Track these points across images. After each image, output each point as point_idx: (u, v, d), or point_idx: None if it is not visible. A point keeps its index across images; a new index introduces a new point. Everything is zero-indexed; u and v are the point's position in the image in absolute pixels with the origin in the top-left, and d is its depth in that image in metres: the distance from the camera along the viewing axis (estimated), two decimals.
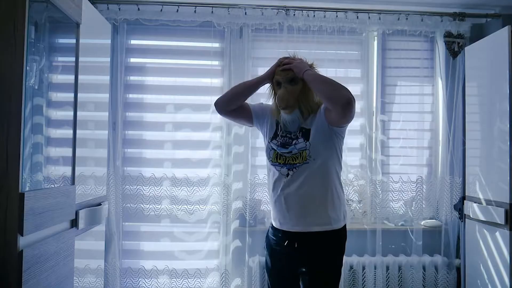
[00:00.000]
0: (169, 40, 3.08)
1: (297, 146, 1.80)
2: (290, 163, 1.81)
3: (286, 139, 1.84)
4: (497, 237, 2.46)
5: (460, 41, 3.05)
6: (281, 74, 1.83)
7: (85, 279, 2.15)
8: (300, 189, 1.79)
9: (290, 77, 1.81)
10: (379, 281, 2.90)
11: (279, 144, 1.85)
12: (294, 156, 1.80)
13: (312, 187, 1.79)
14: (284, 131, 1.86)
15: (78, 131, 2.00)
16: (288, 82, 1.81)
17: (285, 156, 1.83)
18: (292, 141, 1.82)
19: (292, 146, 1.81)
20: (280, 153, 1.84)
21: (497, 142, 2.48)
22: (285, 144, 1.84)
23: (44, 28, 1.82)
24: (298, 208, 1.80)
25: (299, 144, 1.80)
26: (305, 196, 1.79)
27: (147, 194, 2.92)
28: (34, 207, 1.54)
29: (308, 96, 1.83)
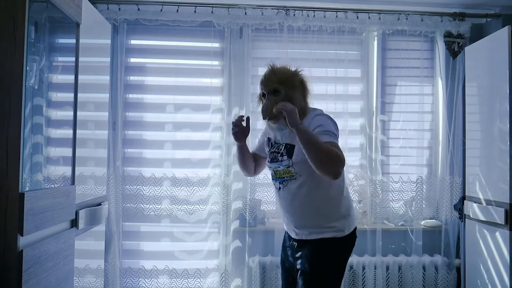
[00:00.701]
0: (169, 40, 3.09)
1: (282, 163, 1.84)
2: (281, 176, 1.86)
3: (274, 155, 1.89)
4: (497, 237, 2.46)
5: (460, 41, 3.05)
6: (264, 85, 1.83)
7: (85, 279, 2.15)
8: (293, 203, 1.84)
9: (273, 88, 1.81)
10: (379, 281, 2.90)
11: (269, 160, 1.91)
12: (283, 171, 1.85)
13: (302, 201, 1.81)
14: (273, 146, 1.90)
15: (78, 131, 2.00)
16: (272, 93, 1.81)
17: (278, 170, 1.87)
18: (278, 156, 1.86)
19: (279, 162, 1.85)
20: (271, 167, 1.91)
21: (497, 142, 2.48)
22: (273, 159, 1.88)
23: (44, 28, 1.82)
24: (295, 220, 1.86)
25: (284, 161, 1.83)
26: (298, 209, 1.84)
27: (147, 194, 2.92)
28: (34, 207, 1.54)
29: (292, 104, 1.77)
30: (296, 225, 1.87)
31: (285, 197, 1.86)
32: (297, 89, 1.83)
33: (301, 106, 1.82)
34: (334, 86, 3.03)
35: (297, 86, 1.84)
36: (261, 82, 1.87)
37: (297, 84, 1.84)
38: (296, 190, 1.82)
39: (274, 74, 1.84)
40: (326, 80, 3.03)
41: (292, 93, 1.80)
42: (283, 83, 1.81)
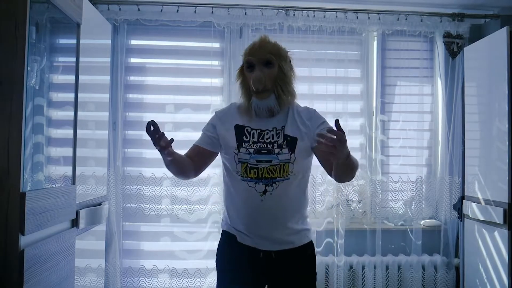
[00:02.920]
0: (169, 40, 3.09)
1: (279, 157, 1.56)
2: (266, 177, 1.55)
3: (263, 145, 1.58)
4: (495, 236, 2.46)
5: (459, 42, 3.05)
6: (255, 54, 1.60)
7: (86, 278, 2.16)
8: (280, 210, 1.58)
9: (267, 59, 1.59)
10: (379, 281, 2.91)
11: (254, 151, 1.57)
12: (273, 168, 1.56)
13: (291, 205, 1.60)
14: (255, 136, 1.60)
15: (78, 131, 2.00)
16: (264, 64, 1.59)
17: (258, 168, 1.56)
18: (273, 148, 1.57)
19: (274, 155, 1.56)
20: (251, 164, 1.57)
21: (496, 142, 2.49)
22: (262, 151, 1.57)
23: (45, 29, 1.83)
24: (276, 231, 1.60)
25: (282, 154, 1.56)
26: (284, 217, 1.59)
27: (147, 194, 2.92)
28: (35, 207, 1.54)
29: (286, 81, 1.62)
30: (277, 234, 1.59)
31: (271, 204, 1.56)
32: (289, 66, 1.65)
33: (292, 87, 1.65)
34: (334, 86, 3.03)
35: (289, 63, 1.66)
36: (249, 51, 1.62)
37: (288, 61, 1.66)
38: (288, 194, 1.57)
39: (267, 44, 1.63)
40: (326, 80, 3.04)
41: (286, 69, 1.62)
42: (277, 55, 1.61)
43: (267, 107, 1.59)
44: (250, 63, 1.62)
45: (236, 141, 1.61)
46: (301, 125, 1.63)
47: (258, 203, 1.57)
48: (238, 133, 1.62)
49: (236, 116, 1.67)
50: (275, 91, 1.59)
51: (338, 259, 2.89)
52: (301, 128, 1.63)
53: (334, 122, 1.35)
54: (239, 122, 1.64)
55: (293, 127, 1.62)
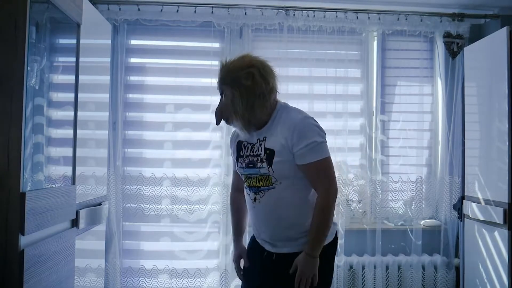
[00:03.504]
0: (169, 40, 3.09)
1: (261, 171, 1.62)
2: (255, 185, 1.64)
3: (251, 159, 1.66)
4: (495, 236, 2.46)
5: (459, 42, 3.05)
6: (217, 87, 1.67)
7: (85, 278, 2.16)
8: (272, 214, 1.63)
9: (220, 91, 1.65)
10: (379, 281, 2.91)
11: (244, 165, 1.68)
12: (260, 177, 1.63)
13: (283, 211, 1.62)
14: (248, 150, 1.68)
15: (78, 131, 2.00)
16: (221, 95, 1.65)
17: (251, 178, 1.66)
18: (257, 162, 1.63)
19: (256, 168, 1.62)
20: (246, 174, 1.68)
21: (496, 142, 2.49)
22: (249, 164, 1.66)
23: (45, 29, 1.83)
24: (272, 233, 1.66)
25: (263, 168, 1.61)
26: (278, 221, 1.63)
27: (147, 194, 2.92)
28: (35, 207, 1.54)
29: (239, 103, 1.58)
30: (272, 238, 1.67)
31: (262, 209, 1.64)
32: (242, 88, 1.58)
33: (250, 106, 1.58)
34: (334, 86, 3.03)
35: (245, 79, 1.58)
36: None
37: (243, 81, 1.58)
38: (276, 200, 1.61)
39: (220, 73, 1.64)
40: (326, 80, 3.04)
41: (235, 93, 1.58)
42: (228, 82, 1.61)
43: (240, 130, 1.66)
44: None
45: (236, 154, 1.76)
46: (281, 137, 1.60)
47: (252, 207, 1.70)
48: (238, 148, 1.75)
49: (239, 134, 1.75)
50: (236, 116, 1.61)
51: (338, 259, 2.89)
52: (281, 140, 1.59)
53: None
54: (240, 138, 1.75)
55: (273, 138, 1.62)
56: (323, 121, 2.99)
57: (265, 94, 1.61)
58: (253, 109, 1.60)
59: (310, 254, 1.58)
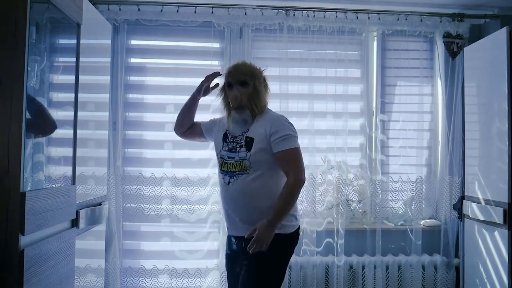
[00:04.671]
0: (169, 40, 3.09)
1: (239, 154, 1.90)
2: (231, 170, 1.91)
3: (233, 145, 1.95)
4: (495, 236, 2.46)
5: (459, 42, 3.05)
6: (233, 76, 1.94)
7: (86, 278, 2.16)
8: (243, 198, 1.89)
9: (241, 80, 1.93)
10: (379, 281, 2.91)
11: (227, 149, 1.96)
12: (235, 163, 1.90)
13: (253, 196, 1.87)
14: (232, 136, 1.97)
15: (78, 131, 2.00)
16: (240, 84, 1.94)
17: (228, 163, 1.93)
18: (237, 147, 1.93)
19: (236, 152, 1.92)
20: (225, 160, 1.95)
21: (496, 142, 2.49)
22: (231, 149, 1.94)
23: (45, 29, 1.83)
24: (241, 216, 1.90)
25: (241, 152, 1.90)
26: (246, 204, 1.89)
27: (147, 194, 2.93)
28: (35, 207, 1.54)
29: (259, 97, 1.96)
30: (242, 220, 1.90)
31: (234, 192, 1.89)
32: (262, 85, 1.98)
33: (264, 103, 1.99)
34: (334, 86, 3.03)
35: (262, 82, 1.99)
36: (228, 73, 1.98)
37: (262, 81, 1.99)
38: (248, 185, 1.86)
39: (244, 66, 1.99)
40: (326, 80, 3.04)
41: (259, 87, 1.95)
42: (251, 76, 1.94)
43: (242, 119, 1.95)
44: (229, 84, 1.97)
45: (222, 141, 2.01)
46: (260, 128, 1.92)
47: (225, 192, 1.95)
48: (224, 137, 2.02)
49: (224, 124, 2.05)
50: (249, 106, 1.93)
51: (338, 259, 2.89)
52: (260, 130, 1.91)
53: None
54: (226, 128, 2.03)
55: (255, 130, 1.93)
56: (323, 121, 3.04)
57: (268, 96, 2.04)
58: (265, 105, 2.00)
59: (271, 221, 1.82)
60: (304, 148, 2.93)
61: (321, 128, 3.03)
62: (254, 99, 1.94)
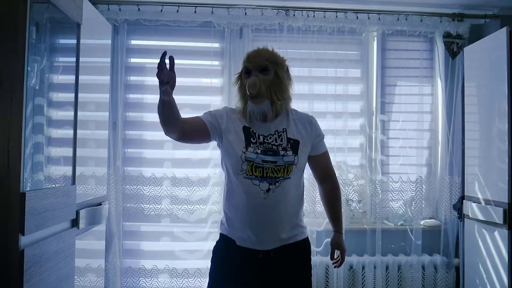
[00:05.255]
0: (169, 40, 3.09)
1: (284, 158, 1.64)
2: (270, 176, 1.62)
3: (269, 146, 1.65)
4: (495, 236, 2.46)
5: (459, 42, 3.05)
6: (252, 61, 1.66)
7: (86, 278, 2.16)
8: (282, 206, 1.64)
9: (263, 66, 1.65)
10: (379, 281, 2.91)
11: (260, 151, 1.63)
12: (277, 168, 1.63)
13: (291, 202, 1.67)
14: (261, 138, 1.66)
15: (78, 131, 2.00)
16: (260, 71, 1.65)
17: (263, 167, 1.62)
18: (279, 150, 1.65)
19: (279, 156, 1.63)
20: (257, 163, 1.62)
21: (496, 142, 2.49)
22: (269, 151, 1.64)
23: (45, 29, 1.83)
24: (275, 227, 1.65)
25: (287, 156, 1.64)
26: (285, 213, 1.65)
27: (147, 194, 2.92)
28: (35, 207, 1.54)
29: (282, 87, 1.67)
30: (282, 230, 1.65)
31: (277, 200, 1.62)
32: (285, 73, 1.71)
33: (287, 94, 1.71)
34: (334, 86, 3.03)
35: (286, 71, 1.72)
36: (247, 58, 1.70)
37: (285, 69, 1.72)
38: (292, 189, 1.66)
39: (265, 51, 1.69)
40: (326, 80, 3.04)
41: (282, 75, 1.67)
42: (273, 62, 1.66)
43: (261, 112, 1.64)
44: (247, 69, 1.68)
45: (245, 140, 1.67)
46: (302, 129, 1.73)
47: (261, 200, 1.62)
48: (246, 134, 1.68)
49: (238, 119, 1.72)
50: (270, 96, 1.64)
51: None
52: (302, 131, 1.72)
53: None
54: (246, 124, 1.70)
55: (295, 130, 1.71)
56: (323, 121, 3.03)
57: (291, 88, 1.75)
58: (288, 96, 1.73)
59: (340, 230, 1.83)
60: None
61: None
62: (275, 87, 1.65)
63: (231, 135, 1.68)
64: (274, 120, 1.70)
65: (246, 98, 1.66)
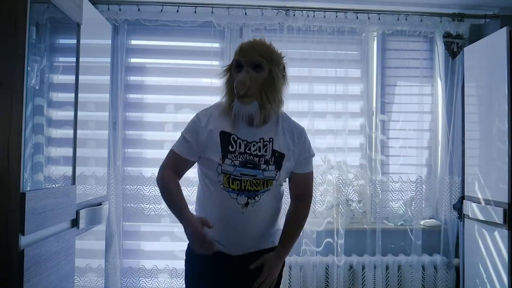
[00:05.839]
0: (169, 40, 3.09)
1: (265, 173, 1.50)
2: (249, 189, 1.50)
3: (250, 157, 1.49)
4: (495, 236, 2.46)
5: (459, 42, 3.05)
6: (245, 55, 1.48)
7: (86, 278, 2.16)
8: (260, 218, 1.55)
9: (256, 62, 1.46)
10: (379, 281, 2.91)
11: (238, 163, 1.49)
12: (256, 181, 1.50)
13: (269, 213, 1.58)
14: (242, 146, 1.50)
15: (78, 131, 2.00)
16: (252, 67, 1.47)
17: (241, 180, 1.49)
18: (259, 162, 1.50)
19: (259, 170, 1.49)
20: (234, 176, 1.49)
21: (496, 142, 2.49)
22: (247, 164, 1.49)
23: (45, 29, 1.83)
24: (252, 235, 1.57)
25: (268, 171, 1.50)
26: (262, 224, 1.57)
27: (147, 194, 2.92)
28: (35, 207, 1.54)
29: (274, 88, 1.49)
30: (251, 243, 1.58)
31: (254, 213, 1.52)
32: (280, 73, 1.52)
33: (280, 97, 1.52)
34: (334, 86, 3.03)
35: (282, 69, 1.54)
36: (240, 50, 1.52)
37: (281, 68, 1.54)
38: (271, 202, 1.56)
39: (261, 45, 1.50)
40: (326, 80, 3.04)
41: (276, 75, 1.48)
42: (269, 59, 1.48)
43: (247, 114, 1.47)
44: (238, 63, 1.51)
45: (222, 151, 1.50)
46: (290, 141, 1.56)
47: (239, 214, 1.52)
48: (224, 142, 1.51)
49: (220, 120, 1.53)
50: (260, 98, 1.47)
51: (338, 259, 2.89)
52: (289, 143, 1.56)
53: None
54: (226, 128, 1.51)
55: (282, 141, 1.54)
56: (323, 121, 3.04)
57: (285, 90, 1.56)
58: (281, 100, 1.53)
59: (281, 256, 1.59)
60: None
61: (321, 128, 3.03)
62: (267, 88, 1.47)
63: (207, 145, 1.52)
64: (261, 126, 1.52)
65: (233, 95, 1.49)
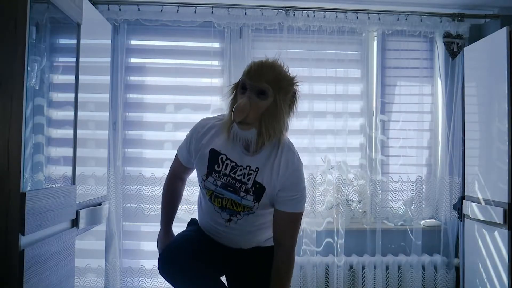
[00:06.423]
0: (169, 40, 3.09)
1: (243, 201, 1.50)
2: (230, 208, 1.52)
3: (231, 181, 1.49)
4: (495, 236, 2.46)
5: (459, 42, 3.05)
6: (252, 78, 1.41)
7: (85, 278, 2.16)
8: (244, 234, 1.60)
9: (261, 89, 1.39)
10: (379, 281, 2.91)
11: (220, 184, 1.50)
12: (236, 203, 1.52)
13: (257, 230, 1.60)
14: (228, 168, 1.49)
15: (78, 131, 2.00)
16: (256, 93, 1.40)
17: (222, 198, 1.52)
18: (239, 189, 1.49)
19: (238, 196, 1.49)
20: (216, 193, 1.52)
21: (496, 142, 2.49)
22: (227, 187, 1.49)
23: (45, 29, 1.83)
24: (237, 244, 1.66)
25: (246, 200, 1.49)
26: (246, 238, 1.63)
27: (147, 194, 2.92)
28: (35, 207, 1.54)
29: (276, 117, 1.42)
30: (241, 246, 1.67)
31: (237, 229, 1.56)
32: (287, 102, 1.46)
33: (281, 127, 1.45)
34: (334, 86, 3.03)
35: (289, 99, 1.47)
36: (248, 71, 1.44)
37: (289, 97, 1.47)
38: (255, 221, 1.56)
39: (270, 70, 1.43)
40: (326, 80, 3.04)
41: (280, 104, 1.41)
42: (277, 87, 1.41)
43: (244, 139, 1.43)
44: (244, 85, 1.44)
45: (207, 167, 1.52)
46: (275, 175, 1.49)
47: (224, 227, 1.60)
48: (211, 160, 1.51)
49: (216, 135, 1.52)
50: (258, 126, 1.41)
51: (338, 259, 2.89)
52: (274, 179, 1.49)
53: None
54: (217, 146, 1.51)
55: (267, 174, 1.48)
56: (323, 121, 3.04)
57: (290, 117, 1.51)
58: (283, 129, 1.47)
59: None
60: (304, 148, 2.93)
61: (321, 128, 3.03)
62: (268, 117, 1.40)
63: (197, 156, 1.55)
64: (254, 154, 1.49)
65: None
